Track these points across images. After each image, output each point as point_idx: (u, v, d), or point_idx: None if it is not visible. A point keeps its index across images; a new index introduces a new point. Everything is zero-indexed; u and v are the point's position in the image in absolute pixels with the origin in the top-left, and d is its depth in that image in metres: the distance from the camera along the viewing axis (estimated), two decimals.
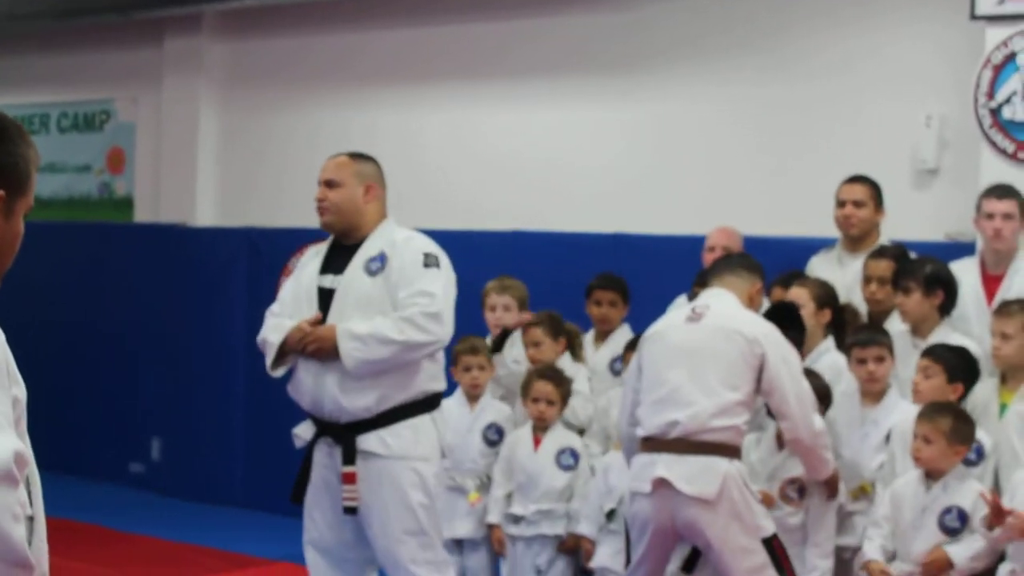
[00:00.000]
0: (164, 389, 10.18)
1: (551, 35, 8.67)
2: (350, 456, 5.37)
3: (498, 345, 6.70)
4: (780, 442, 5.72)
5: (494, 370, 6.58)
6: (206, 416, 9.98)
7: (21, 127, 2.55)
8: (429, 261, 5.42)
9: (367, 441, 5.37)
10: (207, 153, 10.25)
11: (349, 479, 5.36)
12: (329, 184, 5.53)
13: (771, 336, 5.38)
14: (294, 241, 8.94)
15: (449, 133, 9.09)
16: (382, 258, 5.42)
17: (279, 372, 5.56)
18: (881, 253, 6.44)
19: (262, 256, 9.52)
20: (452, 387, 6.20)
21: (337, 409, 5.38)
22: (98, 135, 10.94)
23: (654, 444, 5.34)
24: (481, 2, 8.90)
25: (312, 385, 5.42)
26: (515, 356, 6.71)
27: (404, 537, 5.40)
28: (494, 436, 6.52)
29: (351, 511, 5.40)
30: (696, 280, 6.52)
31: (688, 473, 5.21)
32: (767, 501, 5.53)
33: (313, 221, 5.65)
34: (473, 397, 6.56)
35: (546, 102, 8.69)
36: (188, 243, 10.15)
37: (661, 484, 5.25)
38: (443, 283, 5.41)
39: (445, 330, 5.41)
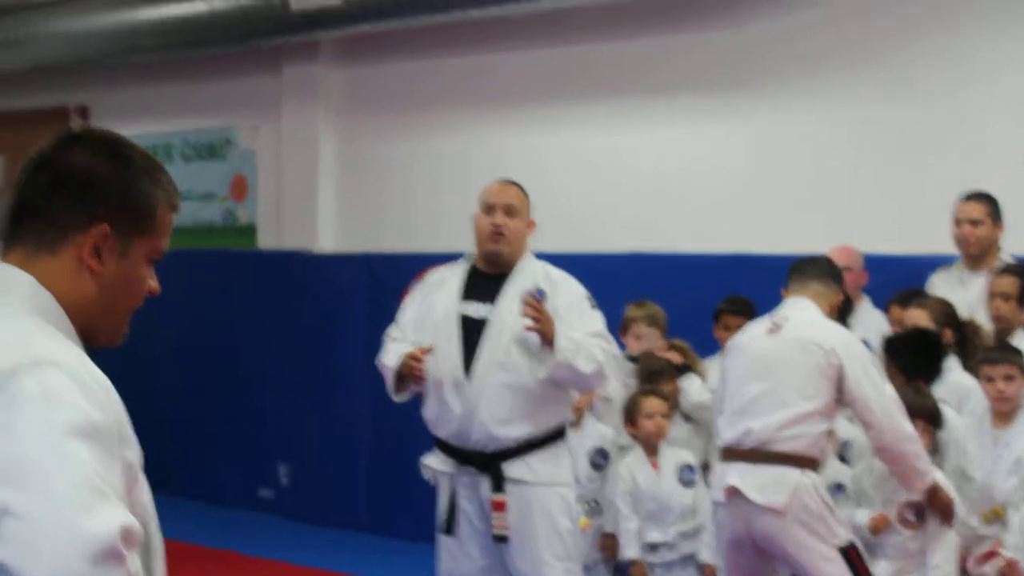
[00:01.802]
0: (290, 414, 10.28)
1: (669, 55, 8.63)
2: (499, 484, 5.37)
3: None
4: None
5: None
6: (331, 441, 10.06)
7: (155, 162, 2.28)
8: (593, 303, 5.47)
9: (515, 468, 5.38)
10: (327, 179, 10.35)
11: (499, 507, 5.35)
12: (509, 211, 5.49)
13: (850, 346, 5.37)
14: (413, 266, 8.96)
15: (567, 155, 9.08)
16: (542, 294, 5.39)
17: (403, 397, 5.54)
18: (1007, 270, 6.34)
19: (381, 281, 9.58)
20: None
21: (486, 439, 5.36)
22: (221, 163, 11.09)
23: (730, 454, 5.41)
24: (599, 24, 8.87)
25: (461, 413, 5.38)
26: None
27: (553, 562, 5.40)
28: (600, 460, 6.48)
29: (501, 539, 5.39)
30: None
31: (759, 482, 5.25)
32: (882, 524, 5.44)
33: (431, 246, 5.68)
34: (574, 421, 6.52)
35: (664, 121, 8.65)
36: (310, 269, 10.25)
37: (734, 493, 5.29)
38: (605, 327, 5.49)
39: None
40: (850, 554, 5.22)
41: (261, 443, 10.47)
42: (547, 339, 5.23)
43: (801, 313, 5.50)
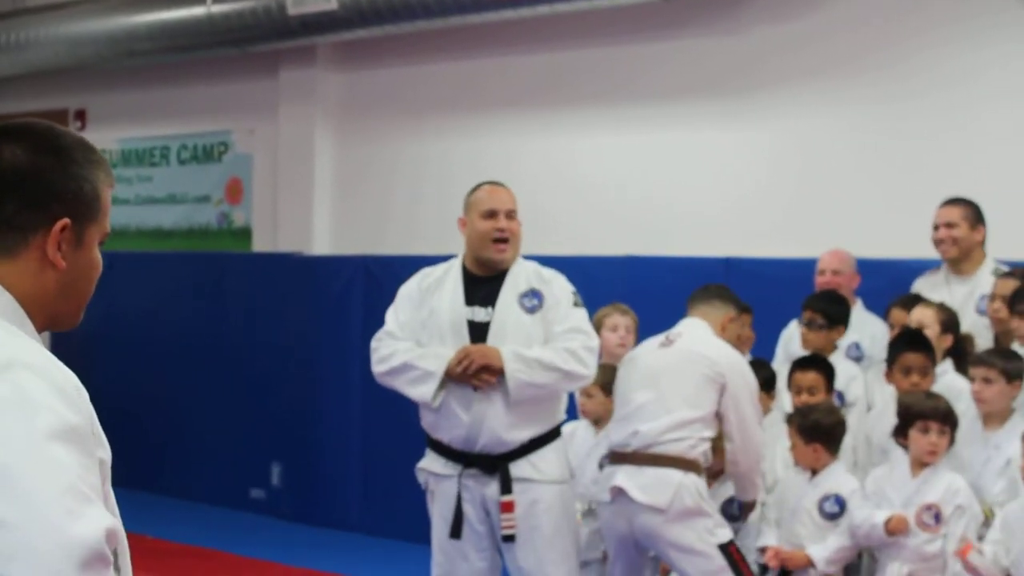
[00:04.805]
0: (283, 415, 10.30)
1: (662, 60, 8.68)
2: (507, 485, 5.42)
3: None
4: (913, 468, 5.65)
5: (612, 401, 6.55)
6: (324, 442, 10.08)
7: (88, 145, 2.26)
8: (577, 301, 5.55)
9: (520, 468, 5.44)
10: (323, 182, 10.38)
11: (507, 508, 5.41)
12: (510, 215, 5.56)
13: (736, 365, 5.73)
14: (409, 268, 8.96)
15: (558, 159, 9.13)
16: (537, 295, 5.50)
17: (439, 402, 5.45)
18: (1010, 274, 6.37)
19: (377, 283, 9.60)
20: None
21: (494, 442, 5.41)
22: (217, 166, 11.12)
23: (616, 457, 5.69)
24: (590, 30, 8.93)
25: (470, 420, 5.41)
26: None
27: (559, 559, 5.48)
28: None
29: (510, 539, 5.43)
30: (803, 305, 6.58)
31: (643, 483, 5.53)
32: (900, 526, 5.47)
33: (427, 248, 5.73)
34: (596, 423, 6.54)
35: (656, 126, 8.69)
36: (305, 271, 10.28)
37: (618, 493, 5.58)
38: (589, 323, 5.57)
39: (596, 367, 5.58)
40: (730, 550, 5.50)
41: (253, 443, 10.49)
42: (495, 370, 5.33)
43: (694, 331, 5.87)
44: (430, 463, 5.58)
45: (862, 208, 7.79)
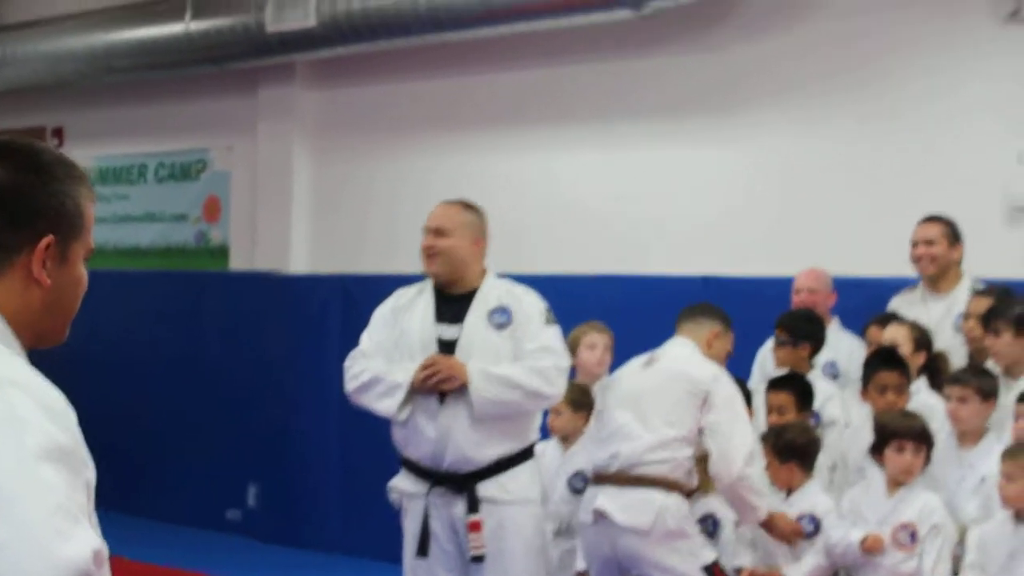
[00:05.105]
0: (259, 435, 10.27)
1: (639, 78, 8.69)
2: (474, 505, 5.39)
3: None
4: (888, 487, 5.66)
5: (581, 419, 6.55)
6: (301, 462, 10.06)
7: (69, 161, 2.27)
8: (549, 318, 5.51)
9: (488, 488, 5.40)
10: (301, 201, 10.37)
11: (475, 527, 5.37)
12: (438, 232, 5.53)
13: (718, 379, 5.63)
14: (388, 287, 8.92)
15: (536, 177, 9.14)
16: (506, 312, 5.46)
17: (405, 415, 5.45)
18: (986, 292, 6.39)
19: (355, 303, 9.58)
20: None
21: (460, 460, 5.38)
22: (194, 184, 11.10)
23: (598, 478, 5.65)
24: (569, 48, 8.94)
25: (436, 436, 5.40)
26: None
27: None
28: (579, 484, 6.45)
29: (478, 559, 5.40)
30: (776, 323, 6.61)
31: (624, 504, 5.49)
32: (875, 545, 5.48)
33: (406, 267, 5.73)
34: (564, 441, 6.55)
35: (634, 144, 8.70)
36: (283, 290, 10.27)
37: (600, 515, 5.53)
38: (561, 340, 5.54)
39: (565, 387, 5.55)
40: (714, 572, 5.46)
41: (230, 464, 10.45)
42: (454, 385, 5.32)
43: (678, 349, 5.83)
44: (400, 481, 5.58)
45: (840, 226, 7.81)
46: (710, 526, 5.95)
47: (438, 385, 5.34)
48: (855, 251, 7.62)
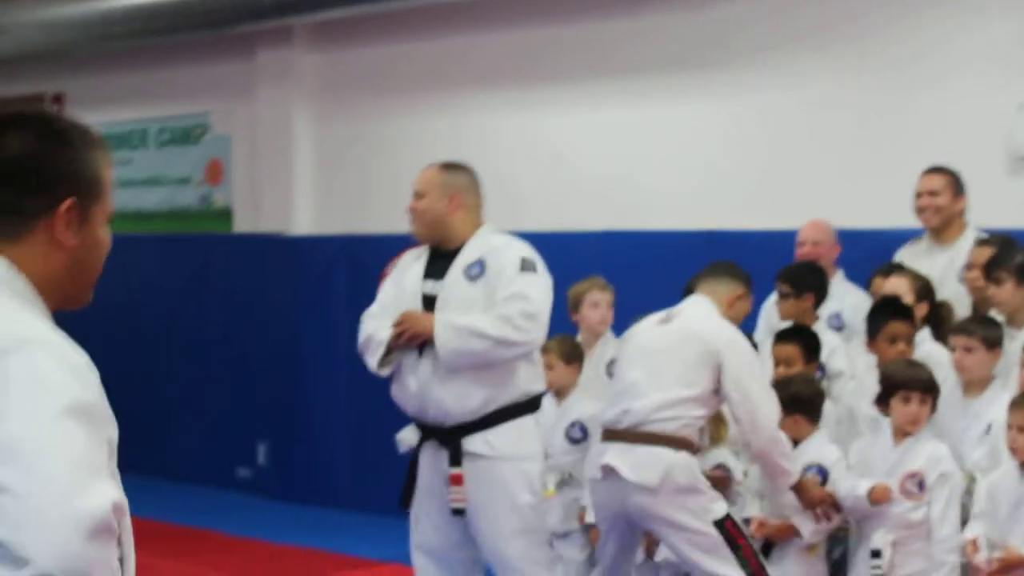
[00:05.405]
0: (268, 395, 10.35)
1: (639, 35, 8.69)
2: (456, 458, 5.47)
3: None
4: (895, 437, 5.70)
5: (574, 372, 6.61)
6: (311, 420, 10.13)
7: (83, 127, 2.34)
8: (526, 266, 5.52)
9: (472, 443, 5.47)
10: (302, 162, 10.40)
11: (456, 481, 5.46)
12: (416, 195, 5.67)
13: (733, 342, 5.59)
14: (391, 247, 8.99)
15: (535, 135, 9.15)
16: (481, 264, 5.53)
17: (386, 371, 5.60)
18: (988, 241, 6.40)
19: (360, 262, 9.64)
20: None
21: (442, 413, 5.47)
22: (196, 148, 11.12)
23: (608, 434, 5.63)
24: (567, 6, 8.94)
25: (417, 390, 5.50)
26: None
27: (512, 537, 5.50)
28: (577, 434, 6.51)
29: (459, 513, 5.48)
30: (777, 276, 6.62)
31: (633, 461, 5.45)
32: (883, 495, 5.52)
33: (408, 227, 5.78)
34: (557, 395, 6.57)
35: (631, 101, 8.71)
36: (287, 252, 10.31)
37: (609, 471, 5.52)
38: (540, 287, 5.53)
39: (540, 333, 5.54)
40: (726, 526, 5.43)
41: (239, 423, 10.54)
42: (421, 338, 5.42)
43: (694, 308, 5.75)
44: (407, 432, 5.71)
45: (843, 178, 7.82)
46: (724, 471, 5.98)
47: (410, 340, 5.45)
48: (859, 203, 7.63)
